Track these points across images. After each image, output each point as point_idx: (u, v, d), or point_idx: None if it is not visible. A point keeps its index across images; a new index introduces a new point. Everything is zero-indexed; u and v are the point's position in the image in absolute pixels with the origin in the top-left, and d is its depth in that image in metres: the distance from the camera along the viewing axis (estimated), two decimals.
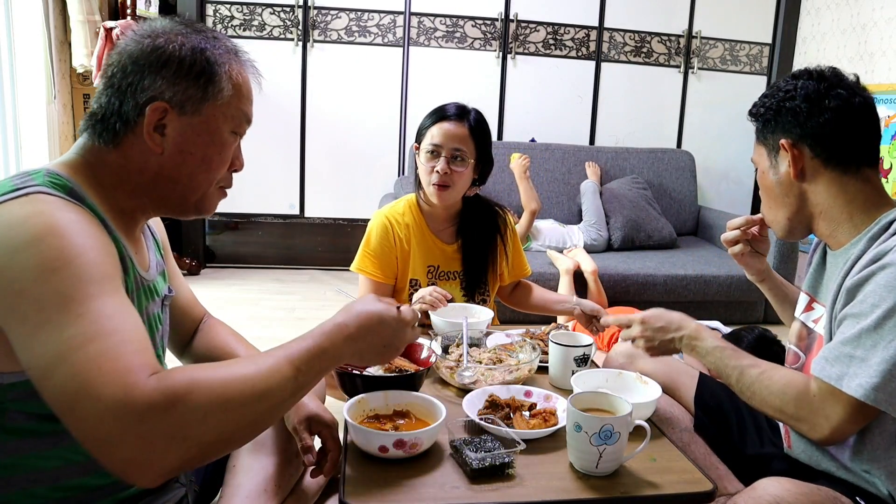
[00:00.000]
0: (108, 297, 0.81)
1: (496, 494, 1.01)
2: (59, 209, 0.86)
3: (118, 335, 0.77)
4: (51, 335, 0.76)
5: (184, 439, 0.75)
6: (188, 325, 1.30)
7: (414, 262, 1.92)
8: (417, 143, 1.90)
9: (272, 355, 0.87)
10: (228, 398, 0.78)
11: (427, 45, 4.00)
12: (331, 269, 4.24)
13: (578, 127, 4.18)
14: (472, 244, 1.96)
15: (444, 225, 1.96)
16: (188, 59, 0.96)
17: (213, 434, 0.78)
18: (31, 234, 0.81)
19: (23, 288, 0.79)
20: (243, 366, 0.84)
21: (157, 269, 1.12)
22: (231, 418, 0.79)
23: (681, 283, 3.25)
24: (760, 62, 4.35)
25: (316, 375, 0.90)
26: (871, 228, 1.15)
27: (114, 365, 0.74)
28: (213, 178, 1.03)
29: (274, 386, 0.83)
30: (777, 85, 1.25)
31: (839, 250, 1.21)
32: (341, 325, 0.95)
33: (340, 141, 4.05)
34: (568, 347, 1.41)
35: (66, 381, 0.74)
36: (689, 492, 1.05)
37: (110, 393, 0.72)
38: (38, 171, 0.93)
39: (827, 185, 1.19)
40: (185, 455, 0.75)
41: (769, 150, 1.25)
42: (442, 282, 1.94)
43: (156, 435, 0.73)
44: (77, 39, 3.25)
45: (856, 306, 1.08)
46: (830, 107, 1.17)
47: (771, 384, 1.16)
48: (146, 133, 0.96)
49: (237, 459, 1.10)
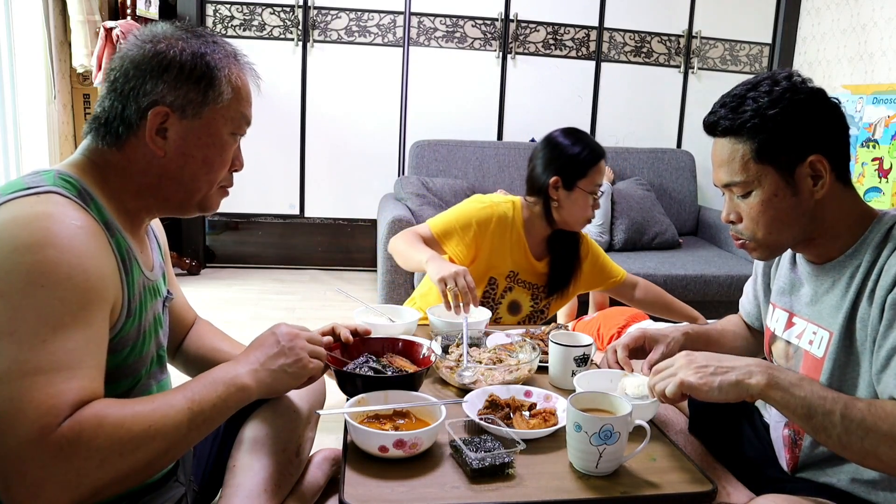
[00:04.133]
0: (79, 330, 0.84)
1: (496, 494, 1.01)
2: (65, 213, 0.88)
3: (67, 371, 0.81)
4: (8, 349, 0.79)
5: (77, 486, 0.79)
6: (181, 329, 1.31)
7: (500, 263, 1.95)
8: (560, 176, 1.88)
9: (169, 393, 0.92)
10: (125, 441, 0.82)
11: (427, 45, 4.00)
12: (331, 269, 4.24)
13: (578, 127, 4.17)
14: (560, 266, 2.02)
15: (538, 240, 2.00)
16: (189, 64, 0.99)
17: (108, 478, 0.81)
18: (33, 238, 0.83)
19: (6, 291, 0.81)
20: (143, 405, 0.87)
21: (160, 270, 1.14)
22: (127, 462, 0.82)
23: (681, 283, 3.25)
24: (760, 62, 4.35)
25: (215, 404, 0.93)
26: (866, 237, 1.11)
27: (44, 400, 0.78)
28: (214, 178, 1.06)
29: (169, 423, 0.87)
30: (753, 95, 1.11)
31: (829, 264, 1.16)
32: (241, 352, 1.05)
33: (340, 141, 4.05)
34: (568, 347, 1.41)
35: (1, 401, 0.77)
36: (689, 492, 1.05)
37: (26, 432, 0.76)
38: (48, 171, 0.95)
39: (839, 201, 1.13)
40: (76, 498, 0.79)
41: (779, 169, 1.11)
42: (518, 287, 1.99)
43: (51, 481, 0.77)
44: (77, 39, 3.25)
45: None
46: (838, 114, 1.12)
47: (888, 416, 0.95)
48: (148, 137, 0.98)
49: (237, 459, 1.10)
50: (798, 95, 1.10)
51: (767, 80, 1.12)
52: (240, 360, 1.03)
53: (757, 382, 1.01)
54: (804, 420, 0.99)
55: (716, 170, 1.18)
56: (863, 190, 3.39)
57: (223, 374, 0.98)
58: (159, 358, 1.12)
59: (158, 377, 1.11)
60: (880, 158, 3.36)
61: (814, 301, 1.19)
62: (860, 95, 3.65)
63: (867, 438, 0.94)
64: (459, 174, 3.77)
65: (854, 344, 1.11)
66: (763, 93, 1.11)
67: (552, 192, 1.89)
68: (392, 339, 1.44)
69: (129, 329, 0.98)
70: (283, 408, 1.18)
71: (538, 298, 2.04)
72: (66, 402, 0.79)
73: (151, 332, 1.06)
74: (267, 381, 1.02)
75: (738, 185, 1.14)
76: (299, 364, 1.06)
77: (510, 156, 3.82)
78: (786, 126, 1.09)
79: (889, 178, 3.30)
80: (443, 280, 1.62)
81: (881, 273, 1.06)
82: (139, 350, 1.02)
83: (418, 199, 3.43)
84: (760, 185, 1.12)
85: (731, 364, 1.04)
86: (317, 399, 1.26)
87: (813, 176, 1.11)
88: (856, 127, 3.69)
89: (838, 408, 0.96)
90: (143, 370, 1.05)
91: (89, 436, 0.79)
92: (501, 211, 1.94)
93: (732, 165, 1.13)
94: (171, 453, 0.89)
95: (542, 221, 1.96)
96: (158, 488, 1.08)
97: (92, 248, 0.89)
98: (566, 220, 1.93)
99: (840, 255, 1.14)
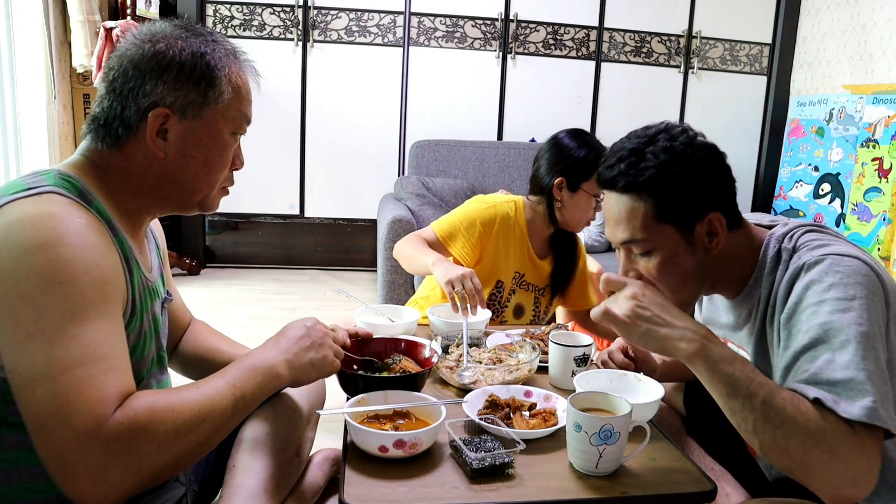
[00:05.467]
0: (104, 321, 0.85)
1: (496, 494, 1.01)
2: (69, 213, 0.88)
3: (104, 363, 0.82)
4: (41, 348, 0.80)
5: (139, 469, 0.81)
6: (177, 330, 1.32)
7: (507, 264, 1.96)
8: (565, 177, 1.89)
9: (211, 379, 0.95)
10: (179, 425, 0.85)
11: (427, 45, 4.00)
12: (331, 269, 4.24)
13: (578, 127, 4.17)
14: (563, 263, 2.05)
15: (541, 239, 2.02)
16: (189, 65, 0.98)
17: (165, 461, 0.84)
18: (43, 238, 0.83)
19: (26, 293, 0.81)
20: (189, 392, 0.90)
21: (158, 271, 1.14)
22: (181, 445, 0.85)
23: None
24: (760, 62, 4.35)
25: (254, 391, 0.97)
26: (760, 267, 1.13)
27: (92, 393, 0.79)
28: (215, 179, 1.06)
29: (216, 407, 0.90)
30: (652, 150, 1.08)
31: (738, 297, 1.18)
32: (267, 340, 1.08)
33: (340, 141, 4.05)
34: (568, 347, 1.41)
35: (47, 399, 0.78)
36: (689, 492, 1.05)
37: (82, 423, 0.77)
38: (49, 171, 0.95)
39: (732, 246, 1.14)
40: (138, 483, 0.81)
41: (679, 228, 1.09)
42: (522, 290, 2.01)
43: (115, 467, 0.79)
44: (77, 39, 3.25)
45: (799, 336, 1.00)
46: (724, 167, 1.13)
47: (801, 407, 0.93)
48: (149, 138, 0.98)
49: (237, 459, 1.10)
50: (699, 152, 1.09)
51: (664, 135, 1.10)
52: (271, 347, 1.05)
53: (685, 348, 0.97)
54: (724, 398, 0.95)
55: (612, 227, 1.14)
56: (863, 190, 3.39)
57: (260, 363, 1.00)
58: (160, 359, 1.11)
59: (159, 378, 1.11)
60: (880, 158, 3.36)
61: (736, 328, 1.23)
62: (860, 95, 3.65)
63: (781, 428, 0.91)
64: (459, 174, 3.77)
65: (768, 363, 1.14)
66: (662, 149, 1.08)
67: (556, 193, 1.90)
68: (394, 339, 1.44)
69: (132, 330, 0.98)
70: (283, 408, 1.18)
71: (539, 302, 2.05)
72: (112, 393, 0.81)
73: (151, 333, 1.06)
74: (297, 373, 1.06)
75: (640, 244, 1.11)
76: (325, 360, 1.10)
77: (510, 156, 3.82)
78: (687, 184, 1.08)
79: (889, 178, 3.30)
80: (450, 282, 1.63)
81: (776, 299, 1.09)
82: (140, 351, 1.02)
83: (418, 199, 3.43)
84: (661, 245, 1.10)
85: (672, 321, 1.00)
86: (317, 399, 1.26)
87: (709, 233, 1.10)
88: (856, 127, 3.69)
89: (763, 392, 0.93)
90: (144, 371, 1.05)
91: (145, 421, 0.81)
92: (504, 211, 1.95)
93: (633, 223, 1.10)
94: (218, 435, 0.92)
95: (544, 221, 1.97)
96: (159, 488, 1.07)
97: (101, 245, 0.89)
98: (568, 220, 1.94)
99: (745, 287, 1.17)
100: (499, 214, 1.94)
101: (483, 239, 1.92)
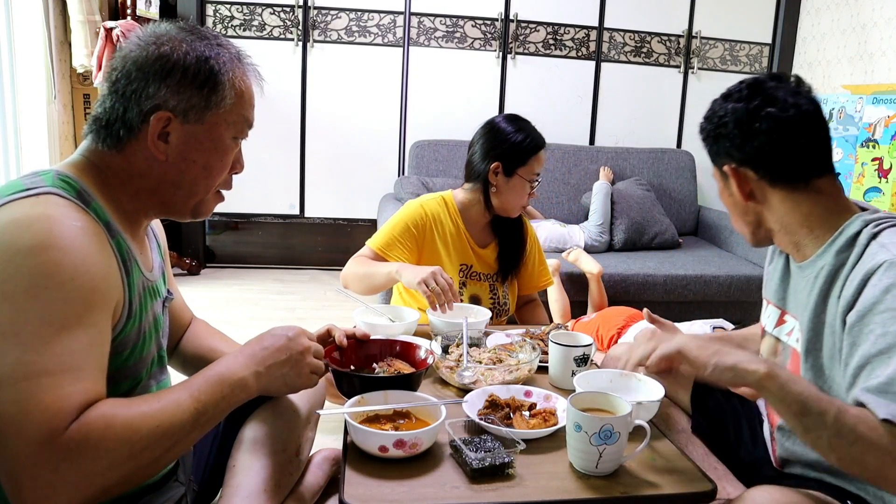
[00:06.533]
0: (84, 330, 0.84)
1: (496, 494, 1.01)
2: (65, 215, 0.87)
3: (73, 373, 0.81)
4: (12, 351, 0.79)
5: (87, 486, 0.79)
6: (178, 329, 1.32)
7: (449, 259, 1.95)
8: (501, 162, 1.90)
9: (175, 390, 0.92)
10: (134, 443, 0.82)
11: (427, 45, 4.00)
12: (331, 269, 4.24)
13: (578, 127, 4.18)
14: (508, 247, 2.03)
15: (479, 228, 2.01)
16: (193, 69, 0.97)
17: (117, 477, 0.82)
18: (35, 240, 0.83)
19: (10, 294, 0.81)
20: (149, 404, 0.87)
21: (159, 270, 1.14)
22: (135, 462, 0.83)
23: (681, 283, 3.25)
24: (760, 62, 4.35)
25: (218, 403, 0.94)
26: (834, 240, 1.13)
27: (52, 403, 0.78)
28: (213, 183, 1.06)
29: (175, 422, 0.87)
30: (713, 108, 1.22)
31: (805, 262, 1.18)
32: (239, 348, 1.04)
33: (340, 141, 4.05)
34: (568, 347, 1.41)
35: (7, 404, 0.77)
36: (689, 492, 1.05)
37: (35, 434, 0.76)
38: (47, 171, 0.94)
39: (780, 203, 1.17)
40: (87, 499, 0.79)
41: (720, 173, 1.24)
42: (472, 281, 2.00)
43: (62, 483, 0.77)
44: (77, 39, 3.25)
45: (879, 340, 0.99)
46: (763, 129, 1.13)
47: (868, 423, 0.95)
48: (150, 141, 0.97)
49: (237, 459, 1.10)
50: (722, 109, 1.19)
51: (736, 93, 1.19)
52: (244, 355, 1.02)
53: (755, 370, 1.01)
54: (797, 417, 0.99)
55: None
56: (863, 190, 3.39)
57: (228, 374, 0.97)
58: (160, 359, 1.11)
59: (159, 378, 1.11)
60: (880, 158, 3.36)
61: (795, 297, 1.23)
62: (860, 95, 3.65)
63: (856, 445, 0.94)
64: (459, 174, 3.74)
65: (821, 341, 1.13)
66: (720, 105, 1.21)
67: (491, 178, 1.91)
68: (390, 341, 1.44)
69: (130, 330, 0.98)
70: (282, 408, 1.18)
71: (496, 289, 2.03)
72: (72, 405, 0.79)
73: (151, 332, 1.06)
74: (265, 385, 1.03)
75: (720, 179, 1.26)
76: (299, 378, 1.07)
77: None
78: (713, 138, 1.21)
79: (889, 178, 3.30)
80: (423, 282, 1.64)
81: (846, 282, 1.08)
82: (140, 351, 1.02)
83: None
84: (718, 182, 1.26)
85: (733, 351, 1.05)
86: (317, 399, 1.26)
87: (737, 183, 1.19)
88: (855, 127, 3.69)
89: (833, 410, 0.96)
90: (143, 371, 1.04)
91: (98, 437, 0.79)
92: (433, 207, 1.96)
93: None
94: (176, 451, 0.90)
95: (480, 208, 1.97)
96: (158, 488, 1.08)
97: (94, 250, 0.88)
98: (503, 205, 1.94)
99: (813, 254, 1.16)
100: (428, 212, 1.94)
101: (419, 240, 1.93)
